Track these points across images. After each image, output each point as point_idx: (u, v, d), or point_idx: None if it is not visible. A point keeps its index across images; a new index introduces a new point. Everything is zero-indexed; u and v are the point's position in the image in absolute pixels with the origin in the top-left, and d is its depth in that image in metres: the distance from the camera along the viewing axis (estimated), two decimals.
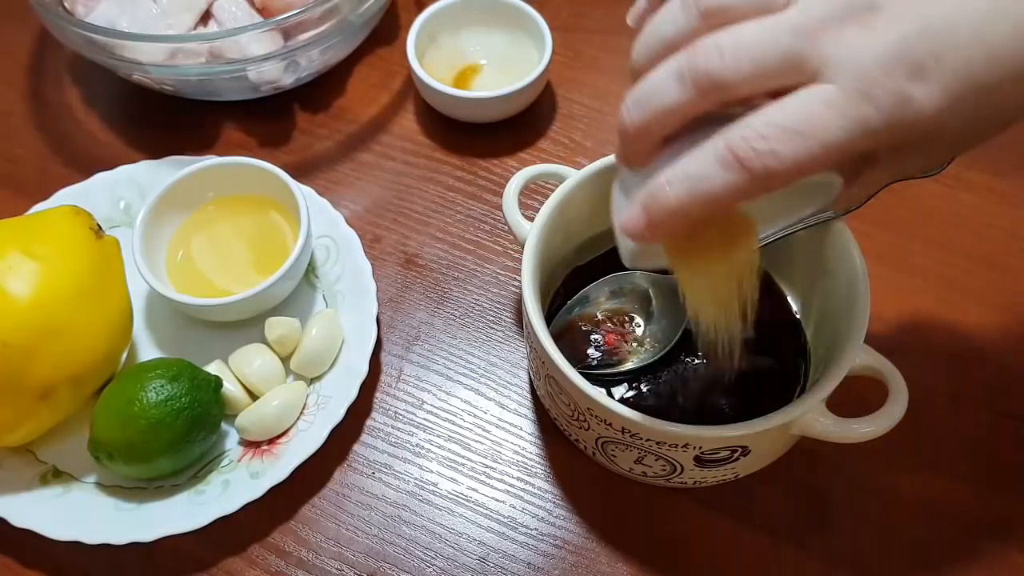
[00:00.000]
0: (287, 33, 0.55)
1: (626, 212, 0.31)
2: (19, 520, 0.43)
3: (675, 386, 0.45)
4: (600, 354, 0.45)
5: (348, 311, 0.50)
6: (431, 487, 0.47)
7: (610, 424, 0.39)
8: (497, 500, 0.46)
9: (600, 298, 0.47)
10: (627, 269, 0.47)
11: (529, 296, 0.41)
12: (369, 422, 0.49)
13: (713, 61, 0.28)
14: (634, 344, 0.46)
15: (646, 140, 0.30)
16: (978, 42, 0.28)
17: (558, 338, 0.40)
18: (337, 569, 0.45)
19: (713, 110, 0.29)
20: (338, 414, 0.46)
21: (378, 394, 0.50)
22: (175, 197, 0.51)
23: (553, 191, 0.44)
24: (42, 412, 0.44)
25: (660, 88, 0.29)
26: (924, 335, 0.50)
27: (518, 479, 0.47)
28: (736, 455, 0.39)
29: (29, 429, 0.44)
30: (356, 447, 0.48)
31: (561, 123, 0.60)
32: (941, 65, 0.27)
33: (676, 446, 0.38)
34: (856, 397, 0.40)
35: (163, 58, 0.53)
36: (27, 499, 0.45)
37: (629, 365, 0.45)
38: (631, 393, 0.45)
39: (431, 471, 0.47)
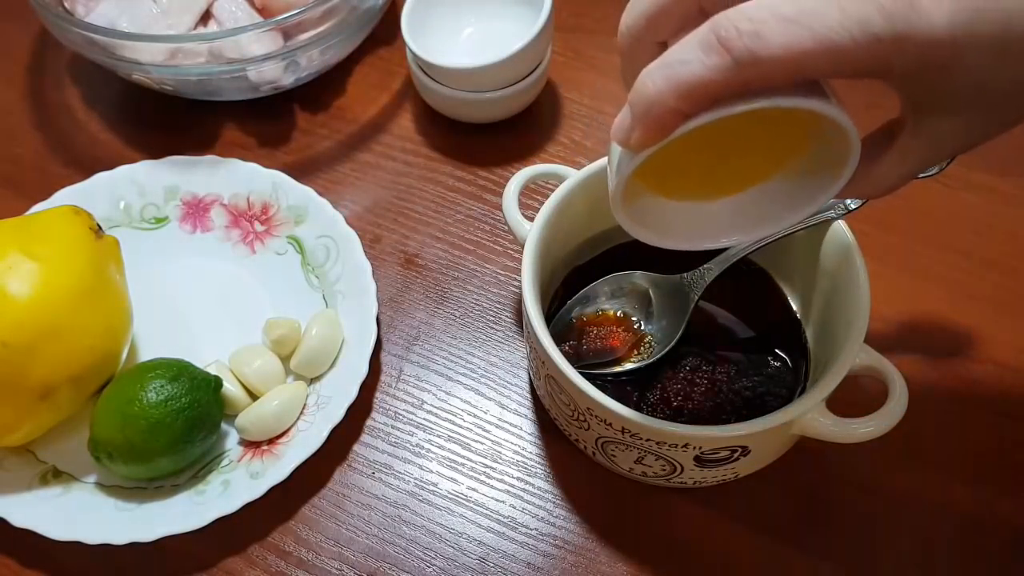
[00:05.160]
0: (287, 33, 0.54)
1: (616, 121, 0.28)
2: (19, 520, 0.43)
3: (675, 386, 0.45)
4: (600, 354, 0.45)
5: (348, 311, 0.50)
6: (431, 487, 0.47)
7: (610, 424, 0.39)
8: (497, 500, 0.46)
9: (600, 298, 0.47)
10: (627, 270, 0.47)
11: (529, 296, 0.41)
12: (369, 422, 0.49)
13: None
14: (634, 344, 0.46)
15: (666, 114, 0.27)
16: None
17: (558, 338, 0.40)
18: (337, 569, 0.45)
19: None
20: (338, 414, 0.46)
21: (378, 394, 0.50)
22: None
23: (553, 191, 0.44)
24: (42, 412, 0.44)
25: (687, 57, 0.26)
26: (924, 335, 0.50)
27: (518, 479, 0.47)
28: (736, 455, 0.39)
29: (29, 429, 0.44)
30: (356, 447, 0.48)
31: (561, 123, 0.60)
32: None
33: (676, 446, 0.38)
34: (856, 397, 0.39)
35: (163, 58, 0.53)
36: (27, 499, 0.45)
37: (629, 365, 0.45)
38: (632, 393, 0.45)
39: (431, 471, 0.47)
